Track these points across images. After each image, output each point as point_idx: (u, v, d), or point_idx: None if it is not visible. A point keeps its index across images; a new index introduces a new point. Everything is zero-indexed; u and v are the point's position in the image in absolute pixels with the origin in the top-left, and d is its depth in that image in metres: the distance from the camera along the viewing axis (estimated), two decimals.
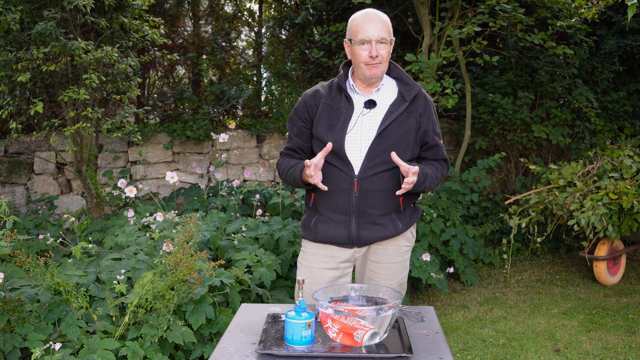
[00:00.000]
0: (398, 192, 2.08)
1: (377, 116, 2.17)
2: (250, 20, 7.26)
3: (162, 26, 4.79)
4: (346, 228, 2.20)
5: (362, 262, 2.34)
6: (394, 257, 2.30)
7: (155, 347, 2.64)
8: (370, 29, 2.08)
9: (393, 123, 2.15)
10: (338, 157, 2.15)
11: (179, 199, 5.68)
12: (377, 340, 1.65)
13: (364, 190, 2.15)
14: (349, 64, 2.28)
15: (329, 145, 2.08)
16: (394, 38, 2.16)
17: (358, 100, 2.20)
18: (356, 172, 2.15)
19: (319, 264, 2.26)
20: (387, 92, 2.22)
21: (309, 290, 2.17)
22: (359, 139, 2.15)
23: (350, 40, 2.15)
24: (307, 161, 2.06)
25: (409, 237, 2.33)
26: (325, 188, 2.09)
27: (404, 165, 2.04)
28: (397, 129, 2.15)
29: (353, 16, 2.17)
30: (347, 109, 2.18)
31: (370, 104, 2.18)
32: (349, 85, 2.22)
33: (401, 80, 2.25)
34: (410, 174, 2.03)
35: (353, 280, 2.63)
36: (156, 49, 5.10)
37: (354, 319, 1.64)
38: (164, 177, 6.10)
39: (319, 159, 2.08)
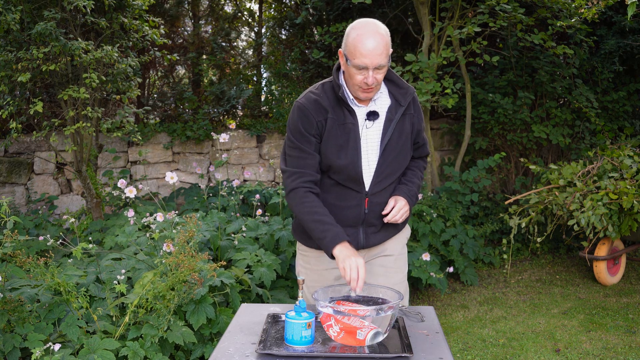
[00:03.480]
0: (386, 219, 2.08)
1: (377, 127, 2.07)
2: (250, 20, 7.26)
3: (162, 26, 4.79)
4: (355, 239, 2.15)
5: (369, 258, 2.27)
6: (402, 248, 2.29)
7: (156, 347, 2.64)
8: (368, 54, 1.89)
9: (394, 132, 2.07)
10: (353, 181, 2.06)
11: (179, 199, 5.68)
12: (380, 339, 1.65)
13: (373, 205, 2.11)
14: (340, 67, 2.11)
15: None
16: (391, 49, 1.99)
17: (359, 112, 2.07)
18: (366, 188, 2.08)
19: (325, 265, 2.21)
20: (382, 97, 2.11)
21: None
22: (366, 155, 2.06)
23: (346, 57, 1.96)
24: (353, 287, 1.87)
25: (407, 227, 2.35)
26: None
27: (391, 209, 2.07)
28: (398, 138, 2.08)
29: (351, 28, 1.96)
30: (354, 125, 2.04)
31: (373, 116, 2.06)
32: (347, 97, 2.05)
33: (392, 82, 2.12)
34: (393, 210, 2.05)
35: None
36: (156, 49, 5.10)
37: (357, 319, 1.64)
38: (164, 177, 6.10)
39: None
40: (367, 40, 1.90)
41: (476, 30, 4.88)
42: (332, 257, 1.98)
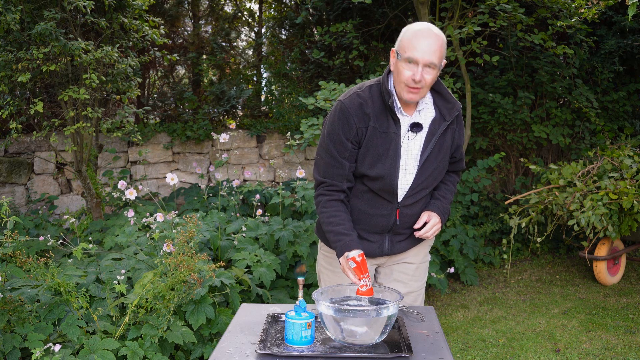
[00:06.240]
0: (417, 234, 2.07)
1: (419, 139, 2.02)
2: (250, 20, 7.26)
3: (162, 26, 4.79)
4: (380, 246, 2.14)
5: (390, 264, 2.26)
6: (424, 257, 2.28)
7: (155, 347, 2.64)
8: (421, 48, 1.85)
9: (435, 146, 2.03)
10: (387, 191, 2.03)
11: (179, 199, 5.68)
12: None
13: (404, 216, 2.09)
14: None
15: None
16: (445, 61, 1.94)
17: (404, 122, 2.01)
18: (399, 199, 2.06)
19: None
20: (427, 108, 2.05)
21: None
22: (404, 167, 2.03)
23: (397, 53, 1.91)
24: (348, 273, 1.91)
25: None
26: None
27: (425, 227, 2.06)
28: (437, 152, 2.04)
29: (407, 28, 1.93)
30: (396, 135, 1.98)
31: (417, 128, 2.00)
32: (396, 105, 1.97)
33: (440, 94, 2.05)
34: (427, 228, 2.05)
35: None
36: (156, 49, 5.10)
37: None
38: (164, 177, 6.10)
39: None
40: (423, 36, 1.86)
41: (476, 30, 4.88)
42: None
